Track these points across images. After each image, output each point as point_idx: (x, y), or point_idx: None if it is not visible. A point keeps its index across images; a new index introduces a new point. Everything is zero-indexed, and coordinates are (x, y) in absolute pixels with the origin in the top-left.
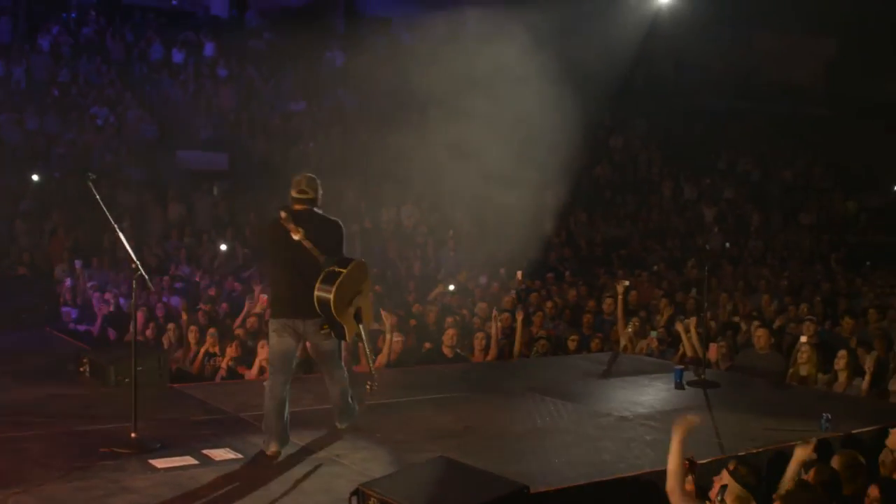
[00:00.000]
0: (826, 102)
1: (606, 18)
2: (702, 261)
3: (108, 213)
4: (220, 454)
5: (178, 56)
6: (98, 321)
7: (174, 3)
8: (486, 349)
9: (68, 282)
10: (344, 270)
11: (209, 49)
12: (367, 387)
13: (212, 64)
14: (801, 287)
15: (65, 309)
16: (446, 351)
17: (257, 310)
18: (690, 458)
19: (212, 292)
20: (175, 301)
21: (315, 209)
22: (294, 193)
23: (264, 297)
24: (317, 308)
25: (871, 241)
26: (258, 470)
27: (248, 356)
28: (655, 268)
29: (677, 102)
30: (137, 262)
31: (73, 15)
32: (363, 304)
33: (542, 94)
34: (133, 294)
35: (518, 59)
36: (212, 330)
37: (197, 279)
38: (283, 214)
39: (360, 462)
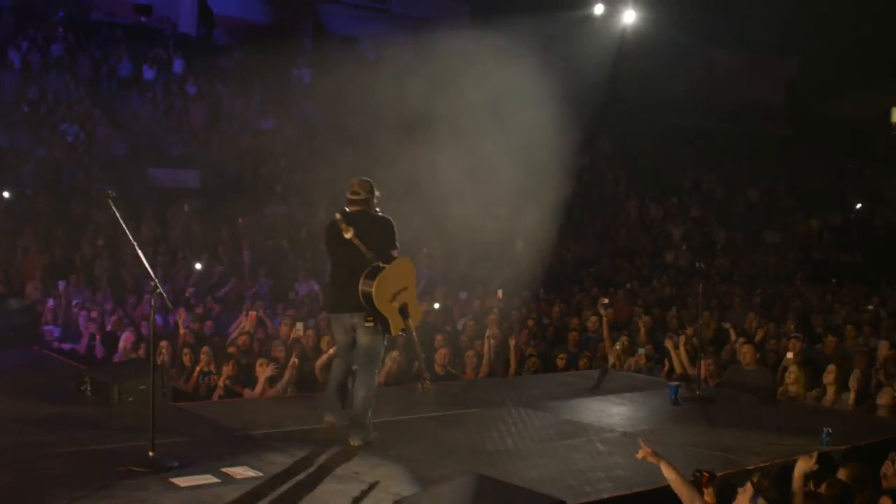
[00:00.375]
0: (788, 121)
1: (573, 38)
2: (697, 279)
3: (127, 231)
4: (240, 472)
5: (148, 73)
6: (84, 340)
7: (142, 19)
8: (477, 367)
9: (50, 301)
10: (386, 266)
11: (178, 66)
12: (420, 386)
13: (181, 81)
14: (773, 304)
15: (47, 328)
16: (438, 369)
17: (248, 328)
18: (710, 470)
19: (199, 311)
20: (157, 319)
21: (369, 210)
22: (348, 195)
23: (253, 314)
24: (362, 301)
25: (834, 259)
26: (281, 488)
27: (243, 374)
28: (629, 286)
29: (642, 122)
30: (156, 281)
31: (42, 32)
32: (409, 301)
33: (509, 112)
34: (151, 313)
35: (485, 79)
36: (205, 348)
37: (187, 296)
38: (337, 216)
39: (380, 479)
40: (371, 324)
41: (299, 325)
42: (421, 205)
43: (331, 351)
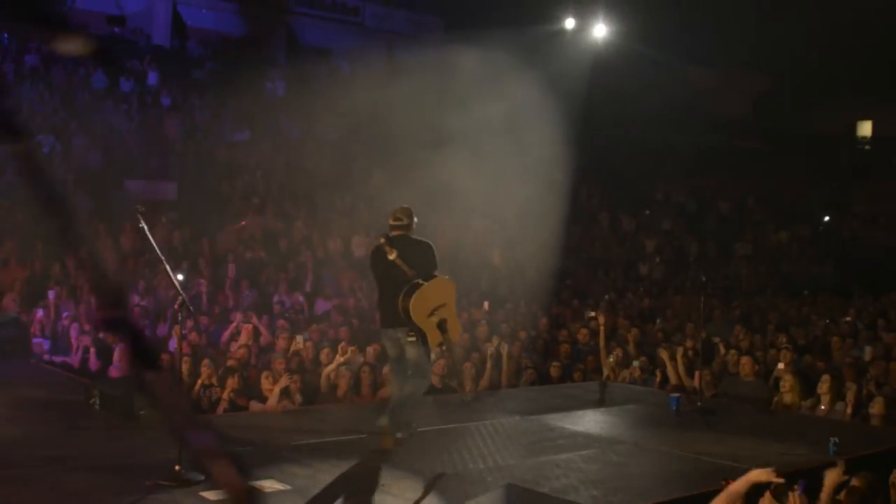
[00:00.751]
0: (757, 136)
1: (546, 53)
2: (700, 292)
3: (155, 246)
4: (268, 485)
5: (125, 85)
6: (79, 352)
7: (116, 31)
8: (477, 378)
9: (40, 311)
10: (424, 283)
11: (152, 78)
12: (463, 398)
13: (156, 93)
14: (751, 316)
15: (36, 340)
16: (435, 381)
17: (245, 340)
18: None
19: (189, 323)
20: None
21: (409, 234)
22: (391, 221)
23: (249, 326)
24: (403, 317)
25: (805, 271)
26: (313, 500)
27: (245, 387)
28: (607, 297)
29: (614, 135)
30: (183, 295)
31: (14, 43)
32: (448, 317)
33: (483, 126)
34: (180, 325)
35: (458, 93)
36: (206, 361)
37: (176, 307)
38: (382, 239)
39: (409, 490)
40: (413, 338)
41: (299, 339)
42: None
43: (340, 359)
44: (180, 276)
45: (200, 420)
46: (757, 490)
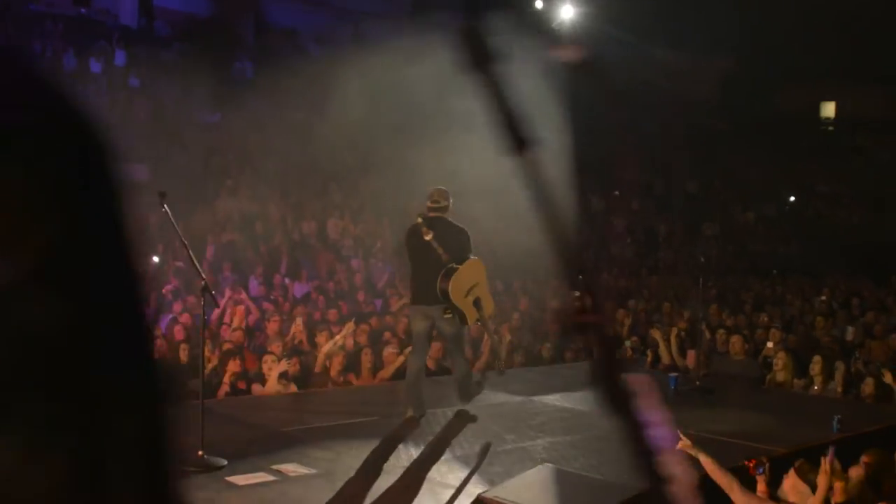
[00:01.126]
0: (723, 116)
1: (514, 32)
2: (697, 273)
3: (178, 229)
4: (292, 469)
5: (95, 66)
6: None
7: (82, 11)
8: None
9: None
10: (459, 266)
11: (120, 58)
12: (497, 369)
13: (124, 74)
14: (725, 295)
15: None
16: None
17: (238, 323)
18: (756, 458)
19: (178, 307)
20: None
21: (447, 216)
22: (429, 203)
23: (241, 308)
24: (440, 297)
25: (772, 251)
26: (341, 484)
27: (246, 372)
28: (580, 277)
29: (583, 116)
30: (206, 280)
31: None
32: (482, 295)
33: (452, 107)
34: (202, 310)
35: (427, 74)
36: (208, 343)
37: (165, 292)
38: (419, 220)
39: (433, 472)
40: (449, 315)
41: (299, 321)
42: (370, 196)
43: (337, 338)
44: (155, 259)
45: (661, 418)
46: (780, 467)
